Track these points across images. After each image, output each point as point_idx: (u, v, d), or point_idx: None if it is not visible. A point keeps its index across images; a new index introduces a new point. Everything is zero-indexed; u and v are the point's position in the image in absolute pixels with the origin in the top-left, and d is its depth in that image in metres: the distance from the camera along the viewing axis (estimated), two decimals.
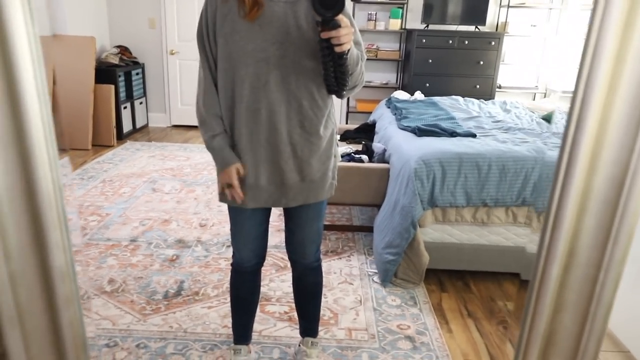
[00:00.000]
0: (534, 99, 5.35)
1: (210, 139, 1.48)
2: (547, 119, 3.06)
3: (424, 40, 4.88)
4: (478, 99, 4.01)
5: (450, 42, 4.87)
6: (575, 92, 0.72)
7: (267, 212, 1.64)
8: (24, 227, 0.74)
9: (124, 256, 2.68)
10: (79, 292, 0.82)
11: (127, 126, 5.16)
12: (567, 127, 0.73)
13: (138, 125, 5.41)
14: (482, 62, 4.95)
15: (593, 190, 0.69)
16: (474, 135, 2.73)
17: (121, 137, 5.02)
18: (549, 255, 0.70)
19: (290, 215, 1.64)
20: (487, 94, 4.98)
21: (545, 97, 5.29)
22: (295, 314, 1.89)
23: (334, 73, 1.37)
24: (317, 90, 1.44)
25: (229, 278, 2.47)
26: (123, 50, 5.29)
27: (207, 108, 1.47)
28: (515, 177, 2.34)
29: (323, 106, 1.47)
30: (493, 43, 4.88)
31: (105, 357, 1.91)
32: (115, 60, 5.00)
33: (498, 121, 3.16)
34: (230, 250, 2.81)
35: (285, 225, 1.69)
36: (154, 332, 2.06)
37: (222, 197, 1.56)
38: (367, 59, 5.31)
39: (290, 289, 1.88)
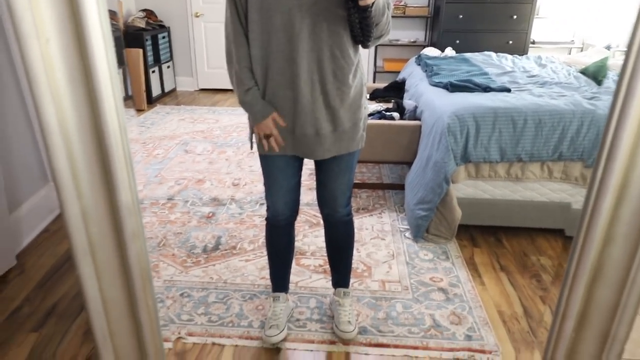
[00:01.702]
0: (569, 54, 5.15)
1: (244, 93, 1.51)
2: (595, 74, 2.95)
3: None
4: (511, 54, 3.89)
5: None
6: (630, 45, 0.70)
7: (299, 165, 1.68)
8: (94, 166, 0.79)
9: (162, 213, 2.78)
10: (143, 227, 0.88)
11: (156, 90, 5.22)
12: (620, 80, 0.72)
13: (166, 89, 5.47)
14: (515, 17, 4.76)
15: None
16: (508, 90, 2.67)
17: (151, 101, 5.09)
18: (602, 187, 0.70)
19: (322, 168, 1.67)
20: (520, 50, 4.82)
21: (582, 51, 5.08)
22: (329, 267, 1.95)
23: (359, 24, 1.37)
24: (348, 39, 1.45)
25: (264, 233, 2.55)
26: (149, 13, 5.29)
27: (239, 62, 1.49)
28: (552, 131, 2.30)
29: (353, 55, 1.49)
30: None
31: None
32: (142, 24, 5.02)
33: (533, 76, 3.07)
34: (264, 207, 2.88)
35: (317, 179, 1.73)
36: (196, 283, 2.16)
37: (260, 148, 1.59)
38: (394, 17, 5.18)
39: (324, 244, 1.93)
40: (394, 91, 3.45)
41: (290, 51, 1.43)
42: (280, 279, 1.91)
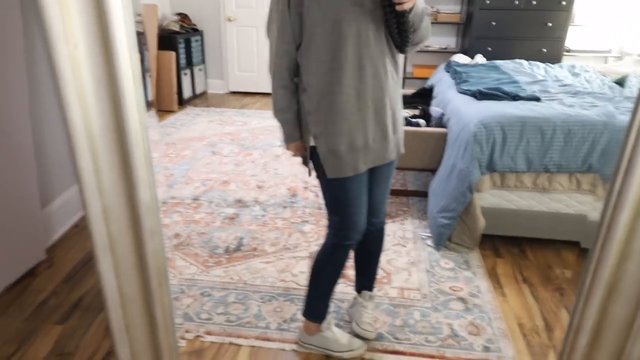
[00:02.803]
0: (605, 63, 5.00)
1: (278, 112, 1.51)
2: (620, 82, 2.87)
3: (488, 1, 4.65)
4: (544, 62, 3.81)
5: (517, 2, 4.61)
6: None
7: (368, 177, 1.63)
8: (115, 164, 0.82)
9: (187, 213, 2.84)
10: (161, 225, 0.91)
11: (187, 92, 5.34)
12: None
13: (197, 92, 5.58)
14: (550, 24, 4.66)
15: None
16: (538, 99, 2.62)
17: (182, 102, 5.21)
18: (619, 201, 0.69)
19: (371, 175, 1.63)
20: (554, 58, 4.71)
21: (618, 60, 4.93)
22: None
23: (397, 29, 1.38)
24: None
25: (285, 236, 2.58)
26: (183, 17, 5.42)
27: (279, 79, 1.48)
28: (582, 142, 2.24)
29: (398, 58, 1.52)
30: (564, 2, 4.57)
31: (173, 302, 2.06)
32: (176, 27, 5.15)
33: (565, 85, 3.00)
34: (287, 210, 2.92)
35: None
36: (217, 283, 2.19)
37: (334, 171, 1.50)
38: None
39: None
40: (422, 98, 3.43)
41: (359, 58, 1.40)
42: (329, 302, 1.79)
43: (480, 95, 2.70)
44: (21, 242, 2.10)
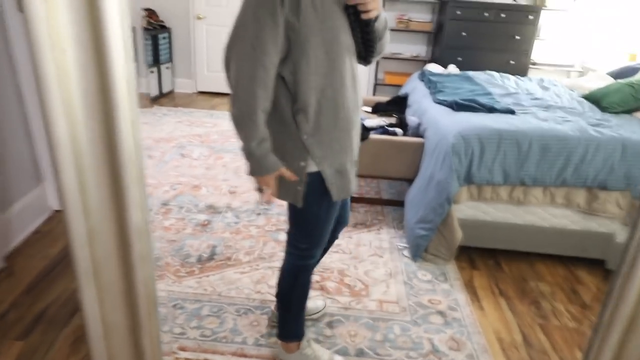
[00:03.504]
0: (567, 77, 5.18)
1: (258, 144, 1.28)
2: (590, 98, 2.96)
3: (459, 12, 4.73)
4: (513, 75, 3.90)
5: (487, 14, 4.71)
6: None
7: None
8: (104, 183, 0.74)
9: (156, 218, 2.72)
10: (153, 251, 0.83)
11: (153, 91, 5.15)
12: None
13: (164, 90, 5.40)
14: (517, 37, 4.79)
15: None
16: (512, 112, 2.66)
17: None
18: None
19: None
20: (520, 70, 4.84)
21: (581, 75, 5.12)
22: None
23: (362, 40, 1.34)
24: None
25: (260, 245, 2.51)
26: (150, 13, 5.23)
27: (259, 103, 1.24)
28: (557, 157, 2.28)
29: None
30: (531, 17, 4.71)
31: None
32: (142, 23, 4.96)
33: (537, 99, 3.07)
34: (261, 218, 2.85)
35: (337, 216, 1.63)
36: (190, 294, 2.10)
37: (339, 194, 1.42)
38: (398, 30, 5.18)
39: (322, 260, 1.87)
40: (396, 105, 3.43)
41: (352, 69, 1.33)
42: (303, 321, 1.74)
43: (457, 107, 2.72)
44: None
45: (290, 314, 1.67)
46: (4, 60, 2.26)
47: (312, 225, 1.49)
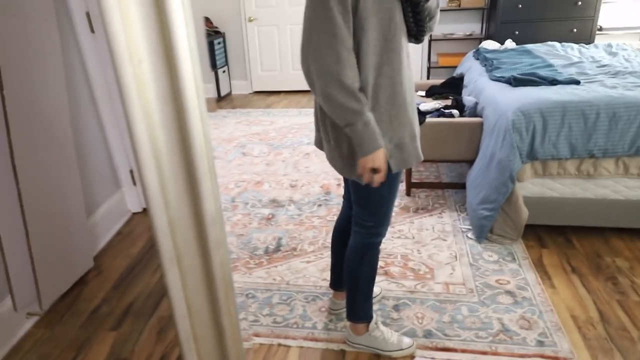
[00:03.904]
0: None
1: (368, 113, 1.31)
2: None
3: None
4: (577, 43, 3.69)
5: None
6: None
7: None
8: (180, 177, 0.82)
9: (225, 214, 2.87)
10: (226, 236, 0.91)
11: (212, 94, 5.38)
12: None
13: (222, 93, 5.63)
14: (579, 3, 4.51)
15: None
16: (577, 82, 2.54)
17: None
18: None
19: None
20: (586, 38, 4.57)
21: None
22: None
23: (413, 18, 1.35)
24: None
25: (322, 235, 2.58)
26: (205, 20, 5.46)
27: (354, 83, 1.29)
28: (628, 125, 2.16)
29: None
30: None
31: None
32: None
33: (604, 65, 2.90)
34: (322, 209, 2.92)
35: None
36: (260, 284, 2.21)
37: (398, 164, 1.44)
38: (449, 10, 5.05)
39: (385, 246, 1.89)
40: (452, 87, 3.37)
41: (406, 47, 1.40)
42: (372, 301, 1.78)
43: (515, 82, 2.63)
44: (71, 251, 2.16)
45: (358, 295, 1.71)
46: (81, 78, 2.48)
47: (377, 203, 1.53)
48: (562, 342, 1.76)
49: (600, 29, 4.81)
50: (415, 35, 1.42)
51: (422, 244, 2.45)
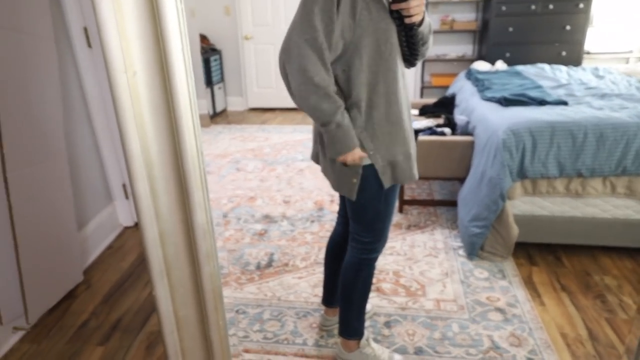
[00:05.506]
0: (627, 64, 4.92)
1: (342, 114, 1.34)
2: None
3: (504, 8, 4.64)
4: (565, 65, 3.77)
5: (534, 7, 4.59)
6: None
7: None
8: (171, 189, 0.83)
9: (217, 230, 2.86)
10: (217, 249, 0.92)
11: (207, 110, 5.41)
12: None
13: (218, 109, 5.66)
14: (568, 27, 4.62)
15: None
16: (565, 103, 2.59)
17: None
18: None
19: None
20: (574, 61, 4.66)
21: None
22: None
23: (406, 43, 1.39)
24: None
25: (315, 251, 2.58)
26: (202, 38, 5.52)
27: (329, 82, 1.32)
28: (615, 145, 2.20)
29: None
30: (581, 5, 4.54)
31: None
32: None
33: (591, 88, 2.96)
34: (315, 225, 2.93)
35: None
36: (251, 300, 2.20)
37: (390, 179, 1.48)
38: (442, 32, 5.16)
39: (377, 262, 1.90)
40: (444, 106, 3.42)
41: (401, 67, 1.43)
42: (364, 317, 1.79)
43: (505, 102, 2.68)
44: (60, 265, 2.14)
45: (351, 311, 1.71)
46: (76, 92, 2.49)
47: (373, 219, 1.54)
48: None
49: (588, 52, 4.92)
50: (409, 59, 1.46)
51: (414, 261, 2.46)
